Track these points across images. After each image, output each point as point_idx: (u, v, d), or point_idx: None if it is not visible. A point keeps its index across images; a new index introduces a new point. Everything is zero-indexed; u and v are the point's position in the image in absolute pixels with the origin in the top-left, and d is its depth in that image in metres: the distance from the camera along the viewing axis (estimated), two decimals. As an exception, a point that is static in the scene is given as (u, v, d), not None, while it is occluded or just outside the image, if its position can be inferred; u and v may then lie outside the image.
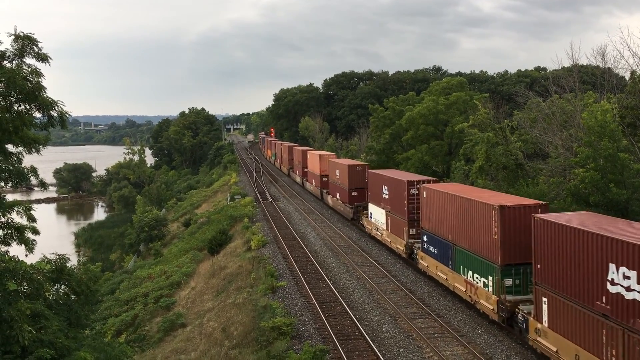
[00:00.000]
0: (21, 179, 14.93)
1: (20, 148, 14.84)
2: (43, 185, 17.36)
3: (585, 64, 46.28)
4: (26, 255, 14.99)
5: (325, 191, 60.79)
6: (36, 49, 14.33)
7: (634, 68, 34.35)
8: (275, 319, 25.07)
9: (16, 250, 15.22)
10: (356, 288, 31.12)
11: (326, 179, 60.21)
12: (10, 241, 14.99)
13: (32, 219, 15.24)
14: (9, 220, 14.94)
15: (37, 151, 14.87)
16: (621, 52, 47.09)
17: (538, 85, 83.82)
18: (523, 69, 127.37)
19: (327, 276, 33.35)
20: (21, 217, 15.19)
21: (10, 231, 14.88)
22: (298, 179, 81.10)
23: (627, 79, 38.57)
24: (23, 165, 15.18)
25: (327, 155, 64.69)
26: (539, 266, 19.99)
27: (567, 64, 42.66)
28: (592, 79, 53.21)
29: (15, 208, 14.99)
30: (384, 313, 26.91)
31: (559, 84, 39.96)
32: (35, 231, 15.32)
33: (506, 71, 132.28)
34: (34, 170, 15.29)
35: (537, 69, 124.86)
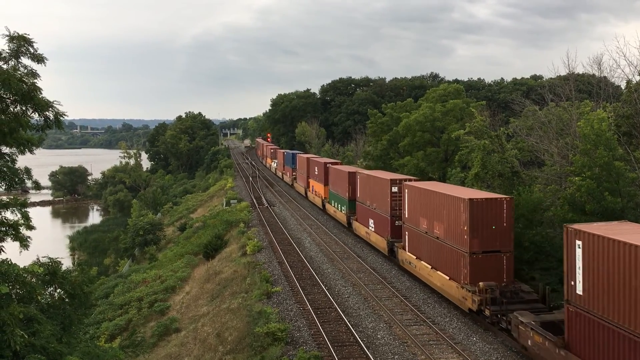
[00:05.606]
0: (15, 179, 14.77)
1: (14, 149, 14.71)
2: (37, 186, 17.19)
3: (581, 72, 46.39)
4: (20, 253, 14.83)
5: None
6: (32, 50, 14.22)
7: (630, 77, 34.40)
8: (269, 325, 24.97)
9: (10, 250, 15.09)
10: (351, 294, 31.03)
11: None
12: (4, 237, 14.85)
13: (26, 217, 15.11)
14: (3, 218, 14.81)
15: (31, 151, 14.73)
16: (617, 61, 47.15)
17: (534, 93, 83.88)
18: (519, 77, 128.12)
19: (323, 282, 33.25)
20: (15, 215, 15.05)
21: (5, 228, 14.74)
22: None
23: (623, 88, 38.64)
24: (17, 166, 15.06)
25: None
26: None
27: (563, 72, 42.76)
28: (588, 87, 53.33)
29: (10, 208, 14.86)
30: (379, 320, 26.82)
31: (555, 92, 40.01)
32: (30, 227, 15.16)
33: (502, 79, 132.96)
34: (27, 171, 15.16)
35: (534, 77, 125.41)
